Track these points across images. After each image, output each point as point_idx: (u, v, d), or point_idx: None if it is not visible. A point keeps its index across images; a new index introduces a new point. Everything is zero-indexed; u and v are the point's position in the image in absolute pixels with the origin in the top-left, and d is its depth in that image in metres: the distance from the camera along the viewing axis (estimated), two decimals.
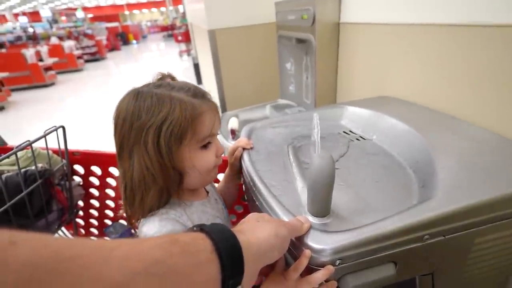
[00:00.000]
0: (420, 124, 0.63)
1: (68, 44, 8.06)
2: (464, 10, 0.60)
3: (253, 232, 0.35)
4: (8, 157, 0.78)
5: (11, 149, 0.80)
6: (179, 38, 8.66)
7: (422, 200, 0.44)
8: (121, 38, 13.88)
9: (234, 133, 1.24)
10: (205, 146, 0.53)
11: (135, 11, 28.83)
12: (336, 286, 0.41)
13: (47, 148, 0.89)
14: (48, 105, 5.10)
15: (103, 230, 1.17)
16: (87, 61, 9.23)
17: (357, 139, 0.69)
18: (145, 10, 29.27)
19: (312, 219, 0.42)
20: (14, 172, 0.85)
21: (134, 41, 15.09)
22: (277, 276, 0.41)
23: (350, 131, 0.73)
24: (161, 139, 0.47)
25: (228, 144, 1.22)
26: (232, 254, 0.30)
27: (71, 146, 0.96)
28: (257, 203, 0.52)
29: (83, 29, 11.21)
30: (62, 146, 0.92)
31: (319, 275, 0.38)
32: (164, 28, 18.61)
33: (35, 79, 6.23)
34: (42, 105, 5.09)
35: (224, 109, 1.73)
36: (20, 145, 0.80)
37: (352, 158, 0.61)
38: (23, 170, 0.84)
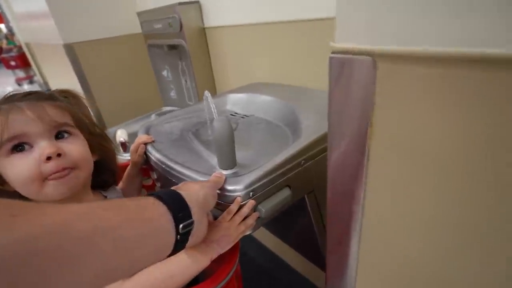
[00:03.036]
0: (283, 95, 0.83)
1: None
2: (291, 10, 0.84)
3: (187, 187, 0.42)
4: None
5: None
6: (12, 63, 6.98)
7: (295, 140, 0.62)
8: None
9: (125, 146, 1.20)
10: (17, 151, 0.48)
11: None
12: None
13: None
14: None
15: None
16: None
17: (242, 117, 0.84)
18: None
19: (225, 172, 0.52)
20: None
21: None
22: (212, 224, 0.49)
23: (235, 112, 0.88)
24: None
25: (121, 158, 1.17)
26: (173, 197, 0.37)
27: None
28: (175, 181, 0.58)
29: None
30: None
31: (245, 209, 0.49)
32: None
33: None
34: None
35: (104, 127, 1.60)
36: None
37: (243, 130, 0.76)
38: None
